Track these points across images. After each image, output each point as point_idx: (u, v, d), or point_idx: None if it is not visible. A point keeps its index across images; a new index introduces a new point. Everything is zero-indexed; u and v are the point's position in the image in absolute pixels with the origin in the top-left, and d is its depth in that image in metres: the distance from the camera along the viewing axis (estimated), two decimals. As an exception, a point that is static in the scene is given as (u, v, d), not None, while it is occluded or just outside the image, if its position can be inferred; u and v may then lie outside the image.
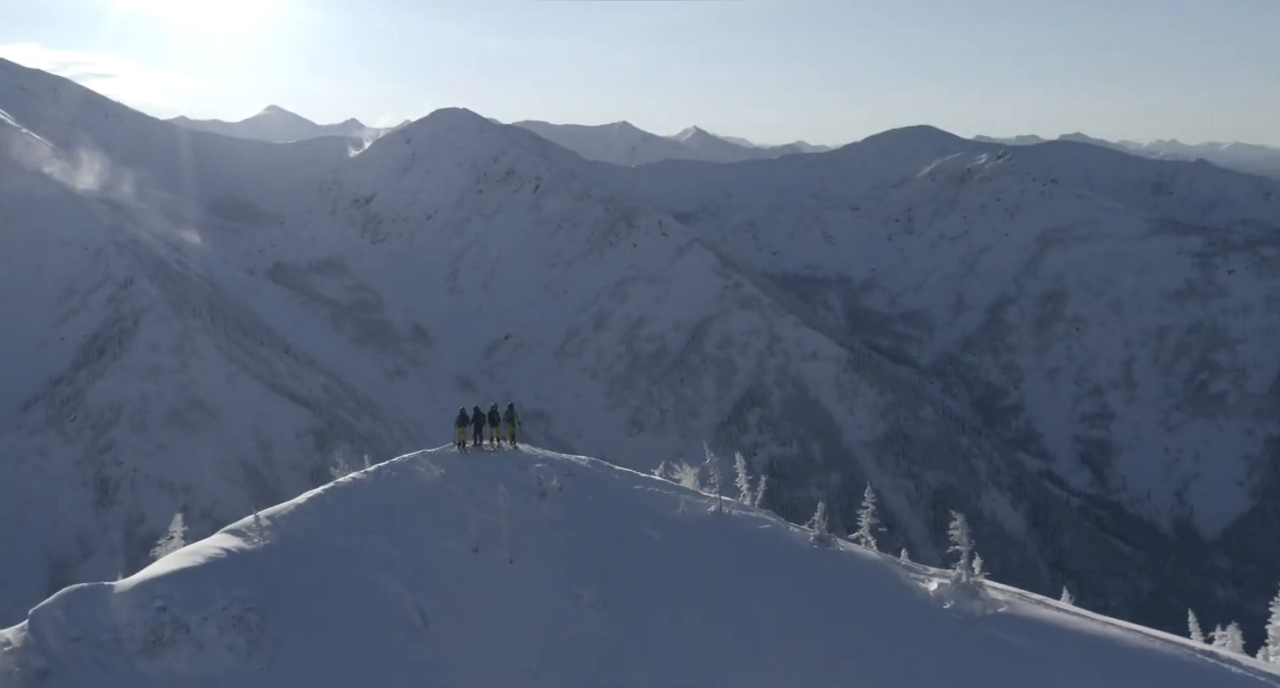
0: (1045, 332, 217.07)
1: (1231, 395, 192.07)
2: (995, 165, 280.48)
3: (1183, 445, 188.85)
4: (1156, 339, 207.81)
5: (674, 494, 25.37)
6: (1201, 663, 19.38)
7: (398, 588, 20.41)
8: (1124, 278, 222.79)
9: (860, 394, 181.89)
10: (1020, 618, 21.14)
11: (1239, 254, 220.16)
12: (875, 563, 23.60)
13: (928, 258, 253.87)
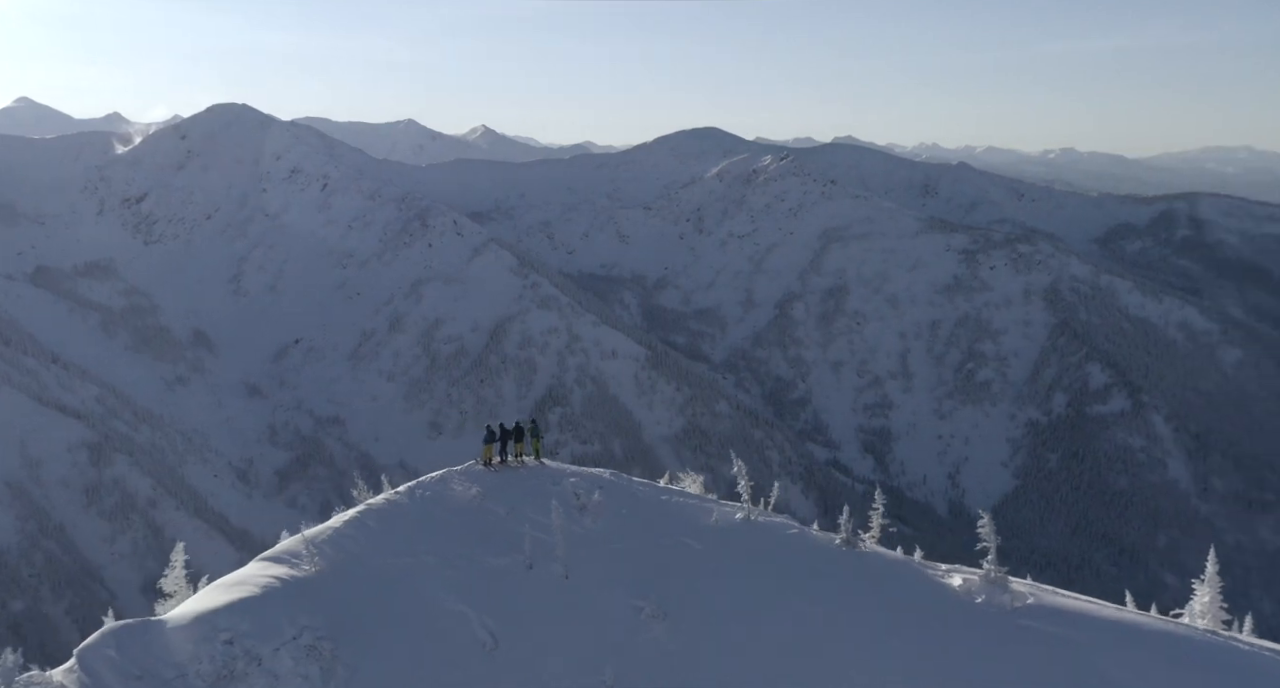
0: (829, 326, 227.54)
1: (996, 383, 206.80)
2: (779, 166, 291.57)
3: (954, 431, 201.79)
4: (929, 332, 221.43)
5: (698, 503, 25.91)
6: (1214, 640, 20.90)
7: (462, 609, 20.24)
8: (898, 274, 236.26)
9: (659, 391, 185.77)
10: (1048, 608, 22.16)
11: (999, 251, 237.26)
12: (901, 562, 24.52)
13: (718, 256, 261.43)
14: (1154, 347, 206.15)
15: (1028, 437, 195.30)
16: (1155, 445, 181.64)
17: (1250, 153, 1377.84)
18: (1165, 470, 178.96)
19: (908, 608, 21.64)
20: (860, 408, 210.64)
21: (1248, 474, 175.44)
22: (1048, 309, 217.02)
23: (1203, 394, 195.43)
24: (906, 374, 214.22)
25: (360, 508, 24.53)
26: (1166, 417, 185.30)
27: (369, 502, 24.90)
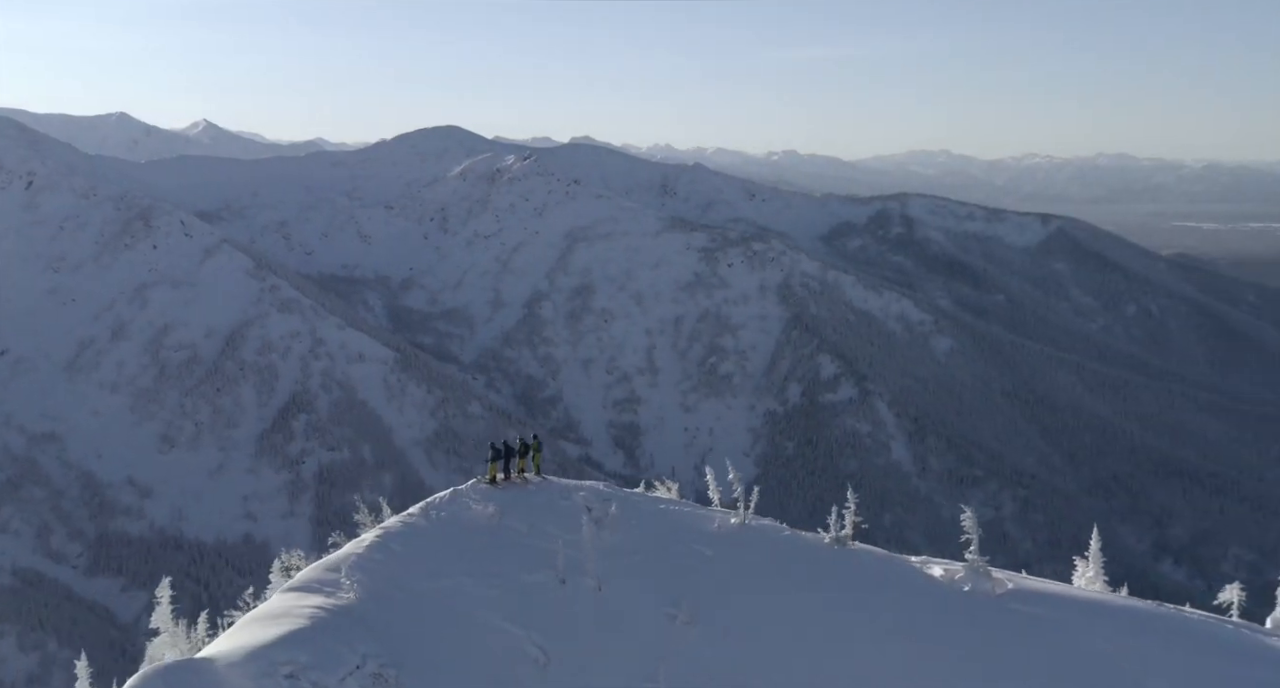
0: (577, 324, 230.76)
1: (736, 376, 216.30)
2: (523, 166, 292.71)
3: (699, 424, 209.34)
4: (673, 328, 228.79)
5: (693, 510, 26.40)
6: (1187, 618, 22.77)
7: (508, 627, 20.02)
8: (642, 272, 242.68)
9: (409, 394, 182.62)
10: (1029, 592, 23.65)
11: (736, 249, 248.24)
12: (887, 557, 25.43)
13: (464, 256, 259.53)
14: (876, 338, 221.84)
15: (766, 426, 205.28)
16: (880, 430, 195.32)
17: (948, 157, 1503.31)
18: (889, 453, 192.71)
19: (909, 600, 22.92)
20: (610, 404, 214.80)
21: (959, 453, 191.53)
22: (781, 304, 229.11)
23: (919, 381, 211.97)
24: (653, 370, 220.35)
25: (377, 532, 23.98)
26: (889, 403, 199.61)
27: (384, 525, 24.42)
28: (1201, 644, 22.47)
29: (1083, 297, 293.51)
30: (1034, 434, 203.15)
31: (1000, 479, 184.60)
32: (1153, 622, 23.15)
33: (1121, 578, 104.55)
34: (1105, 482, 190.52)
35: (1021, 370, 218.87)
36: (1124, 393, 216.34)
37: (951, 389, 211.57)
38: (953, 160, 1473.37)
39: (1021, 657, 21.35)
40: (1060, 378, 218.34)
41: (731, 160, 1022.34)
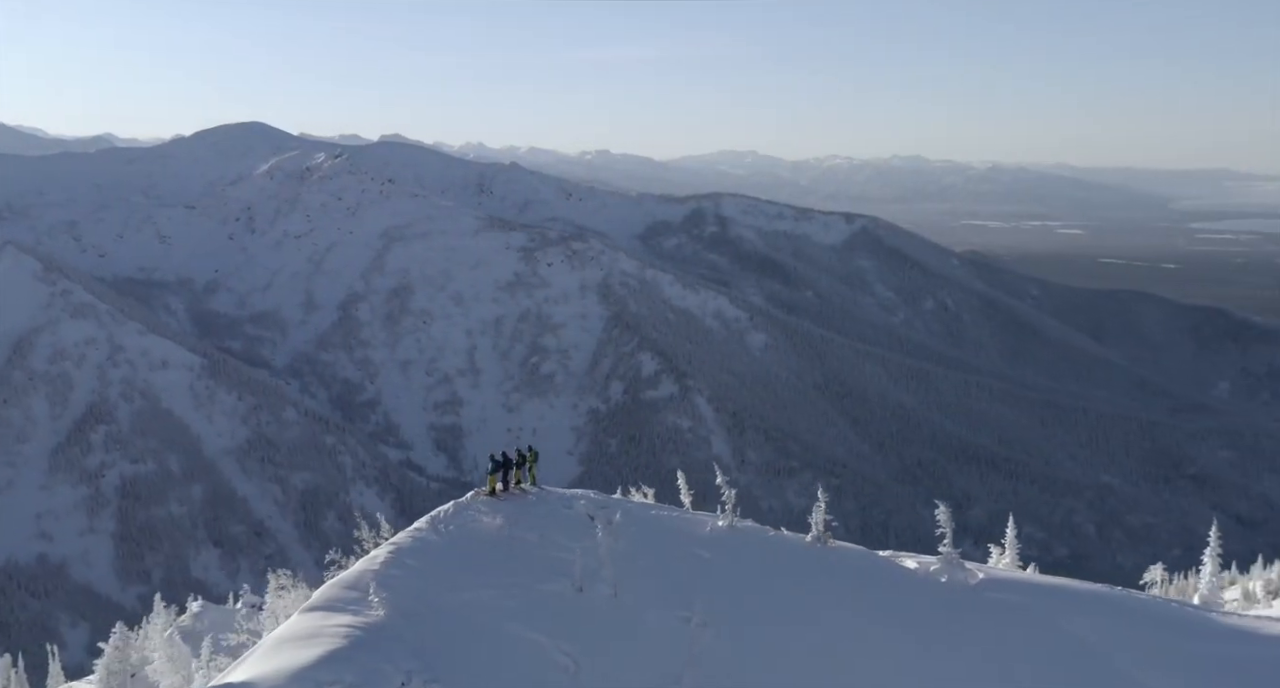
0: (395, 326, 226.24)
1: (559, 375, 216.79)
2: (333, 164, 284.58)
3: (523, 424, 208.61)
4: (494, 328, 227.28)
5: (682, 515, 27.18)
6: (1139, 598, 25.16)
7: (535, 636, 20.27)
8: (461, 272, 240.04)
9: (218, 401, 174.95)
10: (999, 581, 25.39)
11: (555, 248, 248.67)
12: (864, 553, 26.72)
13: (274, 257, 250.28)
14: (695, 335, 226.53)
15: (590, 424, 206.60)
16: (700, 425, 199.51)
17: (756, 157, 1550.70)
18: (710, 448, 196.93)
19: (897, 594, 24.42)
20: (431, 406, 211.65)
21: (776, 445, 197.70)
22: (602, 303, 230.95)
23: (736, 376, 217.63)
24: (475, 371, 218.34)
25: (389, 548, 23.42)
26: (708, 398, 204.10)
27: (394, 540, 23.89)
28: (1158, 622, 24.98)
29: (885, 292, 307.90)
30: (845, 425, 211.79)
31: (814, 469, 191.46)
32: (1112, 603, 25.63)
33: None
34: (911, 468, 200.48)
35: (831, 364, 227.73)
36: (926, 383, 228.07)
37: (767, 384, 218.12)
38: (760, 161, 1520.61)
39: (1004, 640, 23.21)
40: (867, 370, 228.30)
41: (546, 159, 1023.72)
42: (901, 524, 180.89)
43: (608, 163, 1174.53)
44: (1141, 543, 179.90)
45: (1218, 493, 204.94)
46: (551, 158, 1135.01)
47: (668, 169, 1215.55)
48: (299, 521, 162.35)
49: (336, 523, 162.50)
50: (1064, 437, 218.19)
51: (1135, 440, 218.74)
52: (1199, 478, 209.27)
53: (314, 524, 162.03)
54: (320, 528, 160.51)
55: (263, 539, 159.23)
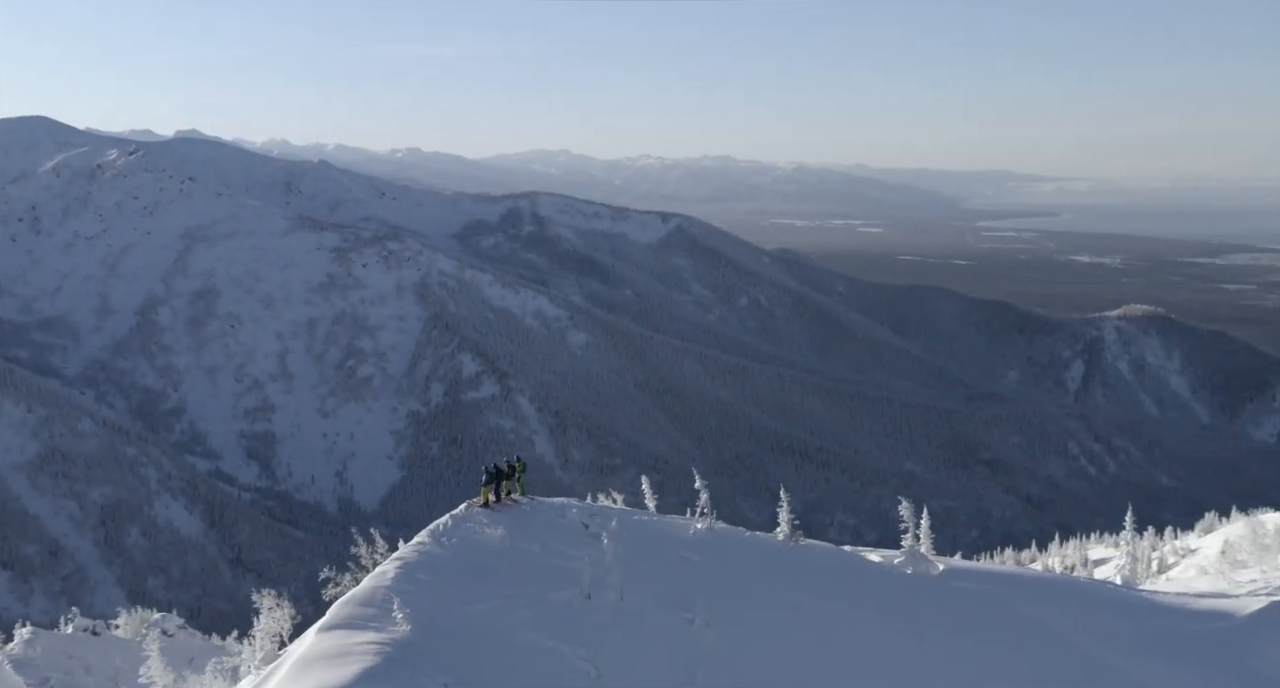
0: (200, 331, 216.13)
1: (376, 378, 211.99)
2: (128, 162, 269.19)
3: (339, 429, 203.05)
4: (307, 331, 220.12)
5: (665, 519, 28.02)
6: (1082, 582, 28.23)
7: (554, 644, 20.45)
8: (271, 274, 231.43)
9: (5, 414, 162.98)
10: (962, 571, 27.01)
11: (370, 249, 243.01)
12: (832, 549, 28.24)
13: (63, 260, 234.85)
14: (515, 334, 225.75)
15: (410, 428, 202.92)
16: (524, 425, 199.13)
17: (569, 157, 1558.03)
18: (533, 447, 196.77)
19: (872, 587, 25.97)
20: (241, 414, 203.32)
21: (599, 443, 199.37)
22: (420, 304, 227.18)
23: (558, 375, 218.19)
24: (287, 375, 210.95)
25: (395, 562, 23.20)
26: (530, 398, 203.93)
27: (400, 555, 23.72)
28: (1105, 604, 27.50)
29: (701, 290, 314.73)
30: (665, 421, 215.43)
31: (637, 466, 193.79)
32: (1063, 588, 28.27)
33: None
34: (730, 461, 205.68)
35: (651, 361, 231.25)
36: (742, 378, 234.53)
37: (589, 382, 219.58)
38: (573, 160, 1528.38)
39: (976, 627, 25.07)
40: (686, 367, 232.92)
41: (355, 157, 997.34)
42: (721, 516, 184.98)
43: (419, 161, 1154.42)
44: (943, 526, 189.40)
45: (1009, 476, 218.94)
46: (360, 156, 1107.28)
47: (481, 168, 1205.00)
48: (99, 538, 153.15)
49: (141, 539, 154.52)
50: (871, 426, 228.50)
51: (935, 429, 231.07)
52: (993, 463, 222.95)
53: (116, 541, 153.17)
54: (123, 545, 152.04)
55: (59, 559, 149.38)
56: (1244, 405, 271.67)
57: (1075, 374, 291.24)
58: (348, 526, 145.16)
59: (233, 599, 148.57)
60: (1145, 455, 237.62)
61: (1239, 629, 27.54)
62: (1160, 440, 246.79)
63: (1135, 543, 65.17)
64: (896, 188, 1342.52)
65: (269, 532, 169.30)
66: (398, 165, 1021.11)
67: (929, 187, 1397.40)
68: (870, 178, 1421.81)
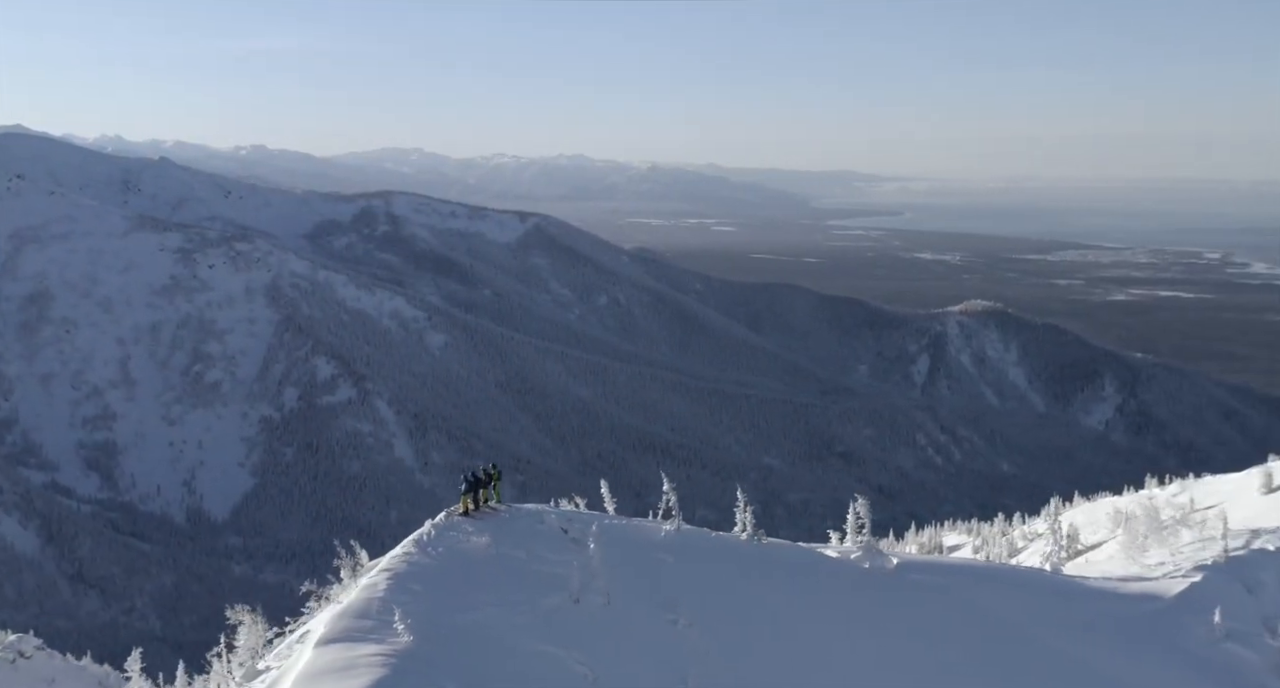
0: (33, 337, 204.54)
1: (226, 383, 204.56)
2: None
3: (186, 437, 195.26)
4: (150, 335, 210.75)
5: (636, 523, 28.46)
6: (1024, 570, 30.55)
7: (550, 649, 20.64)
8: (110, 276, 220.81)
9: None
10: (914, 563, 28.67)
11: (216, 249, 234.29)
12: (793, 546, 29.46)
13: None
14: (372, 336, 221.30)
15: (263, 434, 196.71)
16: (382, 429, 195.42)
17: (421, 155, 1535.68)
18: (392, 451, 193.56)
19: (838, 582, 27.04)
20: (79, 423, 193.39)
21: (460, 445, 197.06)
22: (271, 306, 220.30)
23: (417, 377, 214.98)
24: (129, 382, 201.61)
25: (383, 573, 22.95)
26: (389, 401, 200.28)
27: (387, 567, 23.42)
28: (1048, 591, 29.68)
29: (561, 289, 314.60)
30: (528, 421, 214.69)
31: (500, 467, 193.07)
32: (1010, 577, 30.32)
33: None
34: (592, 460, 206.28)
35: (512, 361, 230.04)
36: (603, 377, 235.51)
37: (449, 383, 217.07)
38: (426, 158, 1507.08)
39: (936, 616, 26.56)
40: (547, 367, 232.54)
41: (196, 154, 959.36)
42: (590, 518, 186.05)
43: (265, 159, 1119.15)
44: (800, 518, 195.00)
45: (862, 467, 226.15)
46: (202, 153, 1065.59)
47: (330, 166, 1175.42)
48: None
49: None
50: (730, 422, 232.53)
51: (791, 423, 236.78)
52: (846, 455, 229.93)
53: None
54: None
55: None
56: (1075, 395, 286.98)
57: (922, 368, 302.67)
58: (198, 537, 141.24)
59: (73, 617, 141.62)
60: (987, 444, 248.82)
61: (1167, 610, 29.77)
62: (1000, 430, 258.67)
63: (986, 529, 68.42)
64: (748, 187, 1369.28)
65: (112, 545, 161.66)
66: (242, 163, 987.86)
67: (779, 186, 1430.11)
68: (722, 178, 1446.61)
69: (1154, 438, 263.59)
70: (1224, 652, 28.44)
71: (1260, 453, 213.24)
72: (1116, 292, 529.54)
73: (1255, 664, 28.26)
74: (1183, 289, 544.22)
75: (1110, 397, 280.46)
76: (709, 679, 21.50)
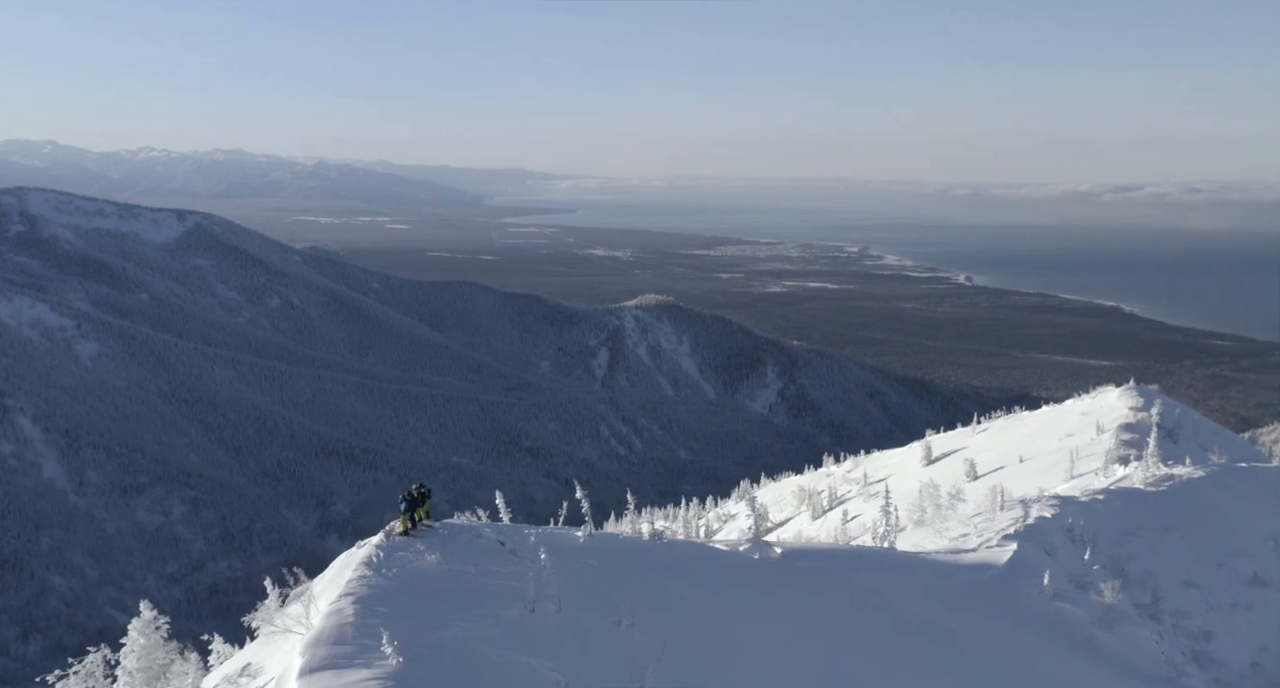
0: None
1: None
2: None
3: None
4: None
5: (551, 530, 29.11)
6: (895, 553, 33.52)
7: (523, 659, 20.77)
8: None
9: None
10: (796, 552, 31.39)
11: None
12: (693, 543, 31.22)
13: None
14: (11, 348, 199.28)
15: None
16: (27, 449, 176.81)
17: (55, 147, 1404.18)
18: (40, 472, 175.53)
19: (737, 573, 28.93)
20: None
21: (121, 462, 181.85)
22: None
23: (67, 390, 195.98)
24: None
25: (349, 599, 22.34)
26: (34, 418, 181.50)
27: (349, 591, 22.86)
28: (904, 567, 32.60)
29: (228, 292, 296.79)
30: (197, 433, 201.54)
31: (167, 483, 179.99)
32: (873, 556, 33.10)
33: (294, 559, 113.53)
34: (272, 470, 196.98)
35: (177, 370, 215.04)
36: (279, 383, 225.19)
37: (104, 396, 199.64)
38: (62, 151, 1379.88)
39: (821, 596, 28.81)
40: (216, 374, 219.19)
41: None
42: (265, 528, 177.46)
43: None
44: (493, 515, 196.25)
45: (550, 462, 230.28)
46: None
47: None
48: None
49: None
50: (417, 423, 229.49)
51: (478, 421, 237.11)
52: (533, 450, 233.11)
53: None
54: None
55: None
56: (742, 382, 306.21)
57: (602, 361, 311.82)
58: None
59: None
60: (666, 433, 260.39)
61: (1002, 576, 33.65)
62: (677, 418, 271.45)
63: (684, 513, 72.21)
64: (420, 184, 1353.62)
65: None
66: None
67: (452, 184, 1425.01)
68: (393, 174, 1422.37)
69: (811, 419, 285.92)
70: (1056, 610, 32.62)
71: (900, 427, 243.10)
72: (773, 284, 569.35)
73: (1083, 619, 32.52)
74: (829, 280, 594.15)
75: (772, 383, 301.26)
76: (665, 679, 22.25)
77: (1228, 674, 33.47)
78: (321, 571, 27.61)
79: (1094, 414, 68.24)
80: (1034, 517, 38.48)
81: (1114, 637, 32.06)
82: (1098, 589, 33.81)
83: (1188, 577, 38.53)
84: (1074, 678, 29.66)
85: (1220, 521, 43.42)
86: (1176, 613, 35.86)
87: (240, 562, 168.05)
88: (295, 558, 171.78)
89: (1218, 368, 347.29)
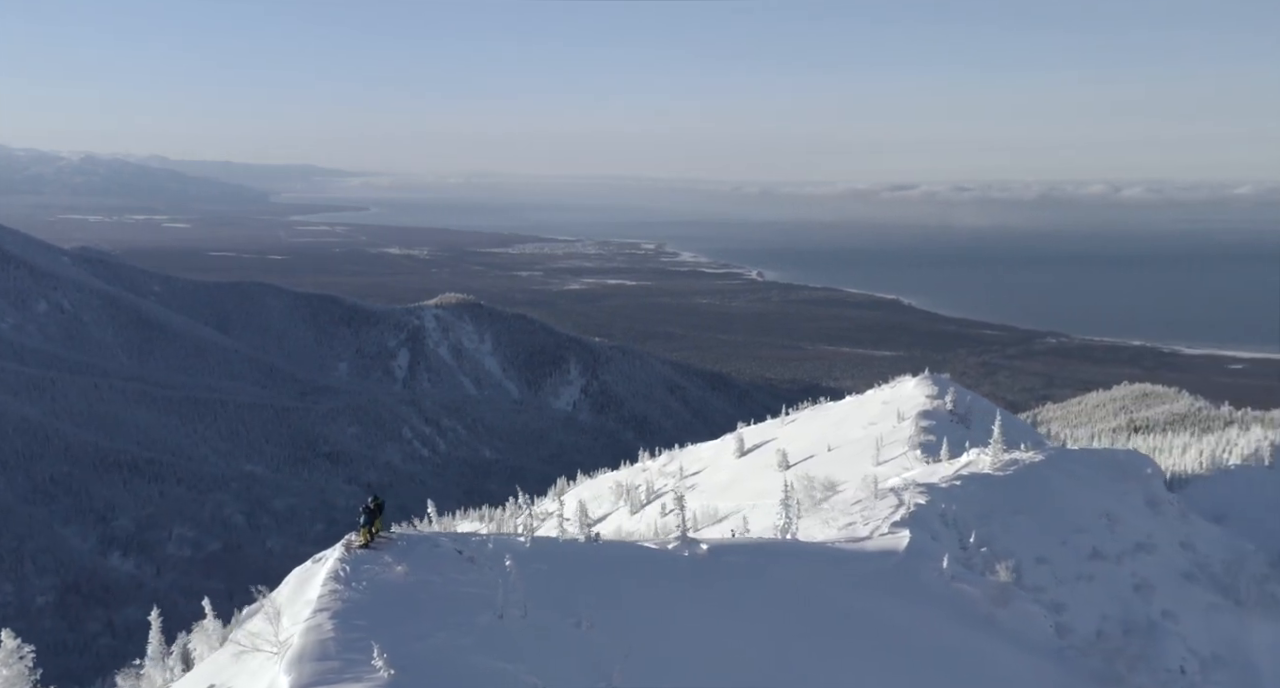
0: None
1: None
2: None
3: None
4: None
5: (495, 537, 29.97)
6: (813, 545, 35.43)
7: (500, 665, 21.48)
8: None
9: None
10: (720, 547, 32.82)
11: None
12: (622, 543, 32.79)
13: None
14: None
15: None
16: None
17: None
18: None
19: (670, 571, 30.07)
20: None
21: None
22: None
23: None
24: None
25: (326, 615, 22.42)
26: None
27: (323, 606, 22.95)
28: (815, 557, 34.33)
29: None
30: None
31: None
32: (787, 549, 34.28)
33: (74, 580, 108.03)
34: (44, 486, 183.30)
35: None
36: (51, 392, 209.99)
37: None
38: None
39: (748, 589, 30.39)
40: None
41: None
42: (39, 548, 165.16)
43: None
44: (287, 524, 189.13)
45: (351, 466, 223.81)
46: None
47: None
48: None
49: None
50: (206, 431, 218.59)
51: (273, 427, 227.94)
52: (332, 455, 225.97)
53: None
54: None
55: None
56: (545, 380, 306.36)
57: (402, 362, 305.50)
58: None
59: None
60: (470, 433, 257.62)
61: (904, 561, 35.48)
62: (481, 417, 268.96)
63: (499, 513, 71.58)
64: (199, 181, 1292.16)
65: None
66: None
67: (234, 180, 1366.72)
68: (169, 170, 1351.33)
69: (614, 415, 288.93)
70: (956, 591, 34.78)
71: (701, 420, 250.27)
72: (572, 281, 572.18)
73: (979, 597, 34.85)
74: (627, 277, 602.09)
75: (575, 380, 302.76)
76: (629, 677, 23.08)
77: (1079, 641, 36.13)
78: (106, 591, 26.64)
79: (894, 403, 71.87)
80: (913, 505, 40.56)
81: (1008, 613, 34.55)
82: (992, 569, 36.40)
83: (1039, 554, 41.59)
84: (980, 652, 32.04)
85: (1060, 501, 47.17)
86: (1034, 588, 38.57)
87: (11, 584, 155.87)
88: (75, 579, 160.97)
89: (987, 356, 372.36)
